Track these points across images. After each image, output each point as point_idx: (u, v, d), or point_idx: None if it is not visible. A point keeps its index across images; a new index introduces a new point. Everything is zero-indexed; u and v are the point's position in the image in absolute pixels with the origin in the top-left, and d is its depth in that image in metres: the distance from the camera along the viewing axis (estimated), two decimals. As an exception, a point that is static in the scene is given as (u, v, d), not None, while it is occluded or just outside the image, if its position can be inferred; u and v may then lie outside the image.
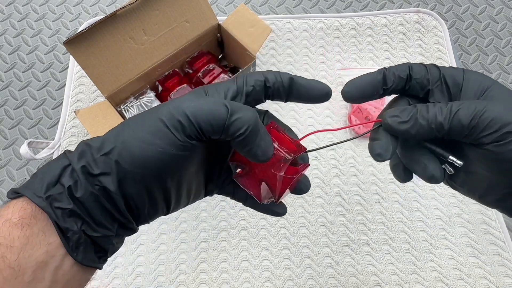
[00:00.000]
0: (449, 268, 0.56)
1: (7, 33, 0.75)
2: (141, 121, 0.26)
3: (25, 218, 0.24)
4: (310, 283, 0.55)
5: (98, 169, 0.25)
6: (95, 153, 0.25)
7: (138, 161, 0.25)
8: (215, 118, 0.25)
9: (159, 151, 0.25)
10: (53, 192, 0.24)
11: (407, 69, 0.29)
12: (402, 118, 0.27)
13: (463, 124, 0.26)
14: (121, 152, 0.25)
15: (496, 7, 0.77)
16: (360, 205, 0.60)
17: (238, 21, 0.62)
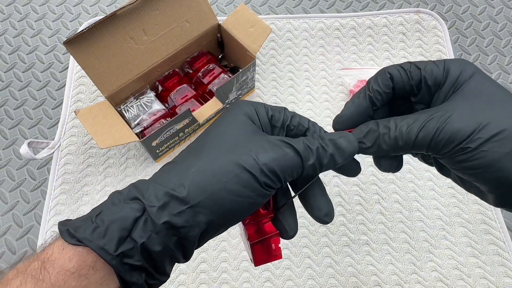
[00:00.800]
0: (449, 268, 0.56)
1: (7, 33, 0.75)
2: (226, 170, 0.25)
3: (83, 269, 0.23)
4: (310, 283, 0.55)
5: (183, 222, 0.24)
6: (180, 205, 0.24)
7: (228, 213, 0.25)
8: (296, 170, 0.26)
9: (249, 202, 0.26)
10: (124, 248, 0.23)
11: (388, 82, 0.30)
12: (367, 144, 0.29)
13: (422, 146, 0.27)
14: (211, 205, 0.25)
15: (496, 7, 0.77)
16: (360, 205, 0.60)
17: (238, 21, 0.62)
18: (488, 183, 0.26)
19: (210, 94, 0.61)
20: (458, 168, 0.27)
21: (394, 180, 0.61)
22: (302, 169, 0.27)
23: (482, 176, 0.26)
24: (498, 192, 0.27)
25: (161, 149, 0.61)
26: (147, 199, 0.24)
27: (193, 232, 0.24)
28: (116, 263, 0.23)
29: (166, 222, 0.24)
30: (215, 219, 0.25)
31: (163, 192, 0.24)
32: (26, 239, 0.60)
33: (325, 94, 0.68)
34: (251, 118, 0.28)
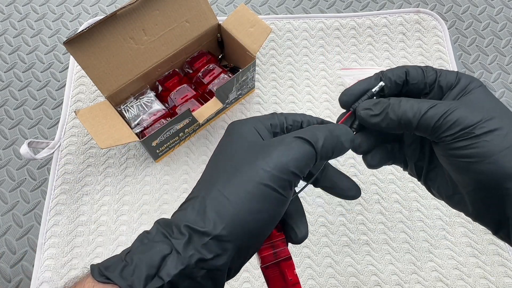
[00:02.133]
0: (449, 268, 0.56)
1: (7, 33, 0.75)
2: (239, 191, 0.25)
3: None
4: (310, 283, 0.55)
5: (210, 253, 0.24)
6: (204, 237, 0.24)
7: (253, 233, 0.25)
8: (311, 159, 0.26)
9: (270, 216, 0.25)
10: (152, 286, 0.23)
11: (403, 75, 0.31)
12: (374, 111, 0.29)
13: (428, 123, 0.28)
14: (233, 231, 0.24)
15: (496, 7, 0.77)
16: (360, 205, 0.60)
17: (238, 21, 0.62)
18: (476, 178, 0.27)
19: (210, 94, 0.61)
20: (453, 156, 0.27)
21: (394, 180, 0.61)
22: (316, 154, 0.26)
23: (474, 168, 0.26)
24: (479, 194, 0.27)
25: (161, 149, 0.61)
26: (173, 236, 0.24)
27: (222, 261, 0.24)
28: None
29: (193, 256, 0.24)
30: (241, 244, 0.24)
31: (185, 227, 0.24)
32: (26, 239, 0.60)
33: (325, 94, 0.68)
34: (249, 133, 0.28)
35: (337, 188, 0.30)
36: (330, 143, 0.27)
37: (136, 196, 0.61)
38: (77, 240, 0.58)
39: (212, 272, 0.24)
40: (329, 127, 0.28)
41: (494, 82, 0.71)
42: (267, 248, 0.28)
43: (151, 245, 0.24)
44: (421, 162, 0.33)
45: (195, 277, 0.24)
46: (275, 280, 0.28)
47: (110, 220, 0.59)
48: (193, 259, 0.23)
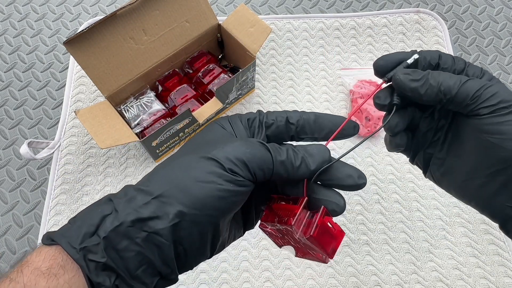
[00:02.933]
0: (449, 268, 0.56)
1: (7, 33, 0.75)
2: (191, 163, 0.25)
3: (53, 268, 0.23)
4: (310, 283, 0.55)
5: (149, 212, 0.23)
6: (146, 196, 0.24)
7: (197, 201, 0.24)
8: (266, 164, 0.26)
9: (218, 188, 0.25)
10: (88, 243, 0.23)
11: (437, 57, 0.31)
12: (414, 76, 0.29)
13: (468, 92, 0.27)
14: (177, 193, 0.24)
15: (496, 7, 0.77)
16: (360, 205, 0.60)
17: (238, 21, 0.62)
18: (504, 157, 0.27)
19: (210, 94, 0.61)
20: (487, 131, 0.27)
21: (394, 180, 0.61)
22: (273, 165, 0.26)
23: (506, 145, 0.26)
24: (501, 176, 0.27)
25: (161, 149, 0.61)
26: (117, 196, 0.25)
27: (162, 225, 0.23)
28: (79, 257, 0.23)
29: (130, 213, 0.23)
30: (185, 210, 0.24)
31: (132, 189, 0.25)
32: (26, 239, 0.60)
33: (325, 94, 0.68)
34: (223, 127, 0.29)
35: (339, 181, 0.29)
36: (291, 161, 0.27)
37: (136, 196, 0.61)
38: (77, 240, 0.58)
39: (154, 237, 0.23)
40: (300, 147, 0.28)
41: (494, 82, 0.71)
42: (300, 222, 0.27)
43: (95, 208, 0.25)
44: (431, 150, 0.33)
45: (133, 237, 0.23)
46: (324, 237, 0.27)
47: (110, 220, 0.59)
48: (130, 217, 0.23)
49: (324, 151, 0.28)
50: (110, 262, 0.23)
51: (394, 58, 0.31)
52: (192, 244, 0.25)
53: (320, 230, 0.26)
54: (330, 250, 0.27)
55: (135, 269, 0.23)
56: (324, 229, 0.27)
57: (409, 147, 0.34)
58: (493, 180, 0.28)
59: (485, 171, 0.29)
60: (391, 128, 0.31)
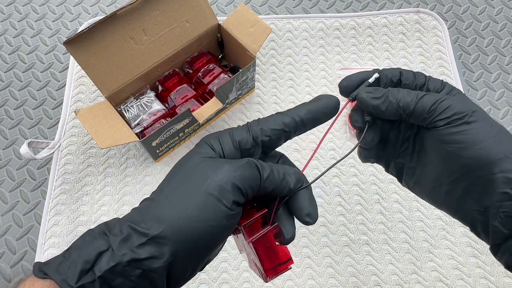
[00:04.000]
0: (449, 268, 0.56)
1: (7, 33, 0.75)
2: (184, 197, 0.26)
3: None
4: (310, 283, 0.55)
5: (145, 253, 0.24)
6: (142, 237, 0.24)
7: (191, 244, 0.25)
8: (255, 181, 0.27)
9: (212, 227, 0.25)
10: (84, 281, 0.23)
11: (398, 74, 0.33)
12: (375, 94, 0.31)
13: (424, 107, 0.30)
14: (172, 236, 0.24)
15: (496, 7, 0.77)
16: (360, 205, 0.60)
17: (238, 21, 0.62)
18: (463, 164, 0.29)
19: (210, 94, 0.61)
20: (445, 142, 0.30)
21: (394, 180, 0.61)
22: (260, 181, 0.27)
23: (464, 153, 0.29)
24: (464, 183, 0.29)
25: (161, 149, 0.61)
26: (113, 233, 0.25)
27: (158, 264, 0.24)
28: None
29: (126, 254, 0.24)
30: (179, 249, 0.25)
31: (127, 226, 0.25)
32: (26, 239, 0.60)
33: (324, 94, 0.68)
34: (212, 147, 0.29)
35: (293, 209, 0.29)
36: (275, 178, 0.28)
37: (136, 196, 0.61)
38: (77, 240, 0.58)
39: (148, 274, 0.24)
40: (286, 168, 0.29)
41: (494, 82, 0.71)
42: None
43: (90, 242, 0.25)
44: (402, 159, 0.35)
45: (129, 275, 0.24)
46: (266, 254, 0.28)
47: (110, 220, 0.59)
48: (126, 257, 0.24)
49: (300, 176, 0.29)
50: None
51: (357, 78, 0.33)
52: (184, 274, 0.26)
53: (263, 241, 0.27)
54: (269, 268, 0.28)
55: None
56: (268, 242, 0.28)
57: (381, 157, 0.36)
58: (457, 187, 0.30)
59: (448, 178, 0.31)
60: (367, 143, 0.34)
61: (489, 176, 0.28)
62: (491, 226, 0.28)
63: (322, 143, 0.64)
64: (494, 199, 0.28)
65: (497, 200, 0.28)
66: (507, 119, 0.68)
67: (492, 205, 0.28)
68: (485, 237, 0.30)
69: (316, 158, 0.63)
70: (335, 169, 0.62)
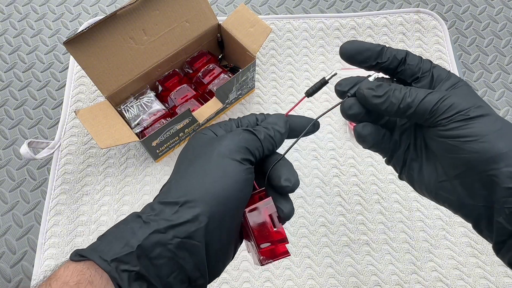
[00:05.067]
0: (449, 268, 0.56)
1: (7, 33, 0.75)
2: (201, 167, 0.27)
3: (82, 282, 0.23)
4: (310, 283, 0.55)
5: (180, 218, 0.24)
6: (173, 206, 0.25)
7: (221, 198, 0.26)
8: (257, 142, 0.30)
9: (235, 181, 0.27)
10: (120, 254, 0.23)
11: (404, 54, 0.32)
12: (377, 92, 0.31)
13: (426, 108, 0.29)
14: (201, 196, 0.25)
15: (496, 7, 0.77)
16: (360, 205, 0.60)
17: (238, 21, 0.62)
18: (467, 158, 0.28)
19: (210, 94, 0.61)
20: (448, 136, 0.29)
21: (394, 180, 0.61)
22: (261, 142, 0.30)
23: (467, 147, 0.28)
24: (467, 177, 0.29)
25: (161, 149, 0.61)
26: (144, 213, 0.26)
27: (195, 227, 0.24)
28: (111, 269, 0.23)
29: (162, 222, 0.24)
30: (213, 209, 0.25)
31: (156, 203, 0.26)
32: (26, 239, 0.60)
33: (325, 94, 0.68)
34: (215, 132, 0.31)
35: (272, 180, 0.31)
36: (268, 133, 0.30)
37: (136, 196, 0.61)
38: (77, 240, 0.58)
39: (186, 242, 0.24)
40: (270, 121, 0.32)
41: (494, 82, 0.71)
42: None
43: (124, 224, 0.25)
44: (404, 153, 0.34)
45: (166, 244, 0.24)
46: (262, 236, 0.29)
47: (110, 220, 0.59)
48: (162, 225, 0.24)
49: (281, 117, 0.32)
50: (143, 271, 0.23)
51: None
52: (221, 243, 0.26)
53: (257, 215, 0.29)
54: (264, 245, 0.28)
55: (167, 276, 0.24)
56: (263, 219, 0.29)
57: (383, 149, 0.35)
58: (460, 182, 0.30)
59: (452, 173, 0.30)
60: (345, 109, 0.34)
61: (493, 171, 0.27)
62: (495, 223, 0.28)
63: (322, 142, 0.64)
64: (498, 194, 0.27)
65: (502, 195, 0.27)
66: (507, 119, 0.68)
67: (496, 200, 0.27)
68: (488, 234, 0.29)
69: (316, 158, 0.63)
70: (335, 169, 0.62)
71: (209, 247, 0.26)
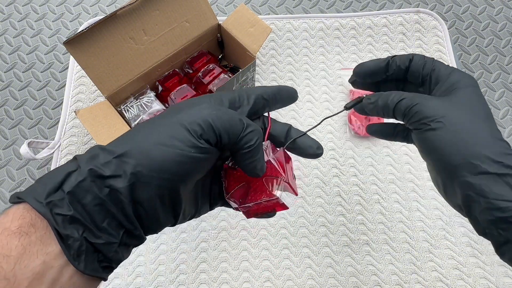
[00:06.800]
0: (449, 268, 0.56)
1: (7, 33, 0.75)
2: (157, 125, 0.26)
3: (23, 227, 0.23)
4: (310, 283, 0.55)
5: (109, 171, 0.24)
6: (108, 155, 0.25)
7: (155, 164, 0.25)
8: (233, 128, 0.27)
9: (177, 153, 0.25)
10: (54, 198, 0.23)
11: (407, 62, 0.35)
12: (370, 100, 0.35)
13: (400, 111, 0.32)
14: (137, 154, 0.25)
15: (496, 7, 0.77)
16: (360, 205, 0.60)
17: (238, 21, 0.62)
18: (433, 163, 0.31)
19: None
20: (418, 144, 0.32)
21: (394, 180, 0.61)
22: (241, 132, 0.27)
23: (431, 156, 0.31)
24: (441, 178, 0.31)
25: (161, 149, 0.60)
26: (81, 156, 0.26)
27: (121, 184, 0.24)
28: (45, 211, 0.23)
29: (92, 170, 0.24)
30: (142, 170, 0.25)
31: (96, 147, 0.26)
32: (26, 239, 0.60)
33: (325, 94, 0.68)
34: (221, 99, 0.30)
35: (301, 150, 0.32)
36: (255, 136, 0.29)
37: (136, 196, 0.61)
38: (77, 240, 0.58)
39: (114, 194, 0.24)
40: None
41: (494, 82, 0.71)
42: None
43: (61, 166, 0.25)
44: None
45: (96, 192, 0.24)
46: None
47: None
48: (92, 173, 0.24)
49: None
50: (77, 215, 0.23)
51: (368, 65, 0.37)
52: (151, 206, 0.25)
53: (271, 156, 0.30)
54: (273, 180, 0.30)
55: (101, 221, 0.24)
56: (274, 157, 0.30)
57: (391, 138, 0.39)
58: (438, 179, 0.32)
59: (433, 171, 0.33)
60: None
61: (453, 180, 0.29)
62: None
63: (322, 142, 0.64)
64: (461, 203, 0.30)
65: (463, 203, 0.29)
66: (507, 119, 0.68)
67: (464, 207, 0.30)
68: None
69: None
70: (335, 169, 0.62)
71: (138, 207, 0.25)
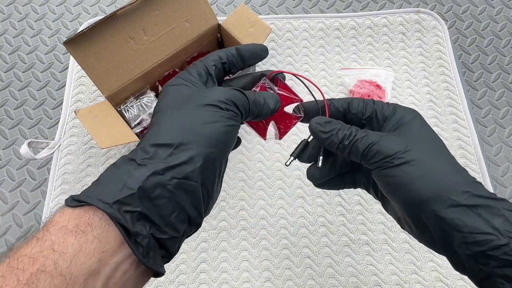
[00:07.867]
0: (449, 268, 0.56)
1: (7, 33, 0.75)
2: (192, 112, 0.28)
3: (80, 226, 0.23)
4: (310, 283, 0.55)
5: (177, 160, 0.25)
6: (167, 149, 0.25)
7: (212, 140, 0.27)
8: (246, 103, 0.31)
9: (224, 125, 0.28)
10: (120, 196, 0.24)
11: (346, 104, 0.35)
12: (324, 128, 0.33)
13: (358, 151, 0.31)
14: (194, 138, 0.26)
15: (496, 7, 0.77)
16: (360, 205, 0.60)
17: (238, 21, 0.61)
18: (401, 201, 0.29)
19: (210, 94, 0.61)
20: (382, 183, 0.30)
21: (394, 180, 0.61)
22: (249, 103, 0.31)
23: (398, 194, 0.29)
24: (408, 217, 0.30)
25: (161, 149, 0.60)
26: (136, 155, 0.26)
27: (191, 168, 0.25)
28: (113, 211, 0.23)
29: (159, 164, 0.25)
30: (204, 150, 0.26)
31: (148, 146, 0.26)
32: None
33: (325, 94, 0.68)
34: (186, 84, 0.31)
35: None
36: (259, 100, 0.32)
37: (136, 196, 0.61)
38: (77, 240, 0.58)
39: (184, 183, 0.25)
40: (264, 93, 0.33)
41: (494, 82, 0.71)
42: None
43: (117, 168, 0.26)
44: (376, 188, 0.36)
45: (165, 184, 0.24)
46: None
47: (110, 220, 0.59)
48: (160, 166, 0.25)
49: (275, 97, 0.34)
50: (145, 211, 0.24)
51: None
52: (212, 184, 0.27)
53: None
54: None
55: (168, 215, 0.25)
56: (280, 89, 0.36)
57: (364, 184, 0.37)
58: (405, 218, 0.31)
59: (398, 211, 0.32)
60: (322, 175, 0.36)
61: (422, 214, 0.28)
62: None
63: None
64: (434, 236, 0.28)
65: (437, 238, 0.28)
66: (507, 119, 0.68)
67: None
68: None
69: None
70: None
71: (203, 187, 0.27)
